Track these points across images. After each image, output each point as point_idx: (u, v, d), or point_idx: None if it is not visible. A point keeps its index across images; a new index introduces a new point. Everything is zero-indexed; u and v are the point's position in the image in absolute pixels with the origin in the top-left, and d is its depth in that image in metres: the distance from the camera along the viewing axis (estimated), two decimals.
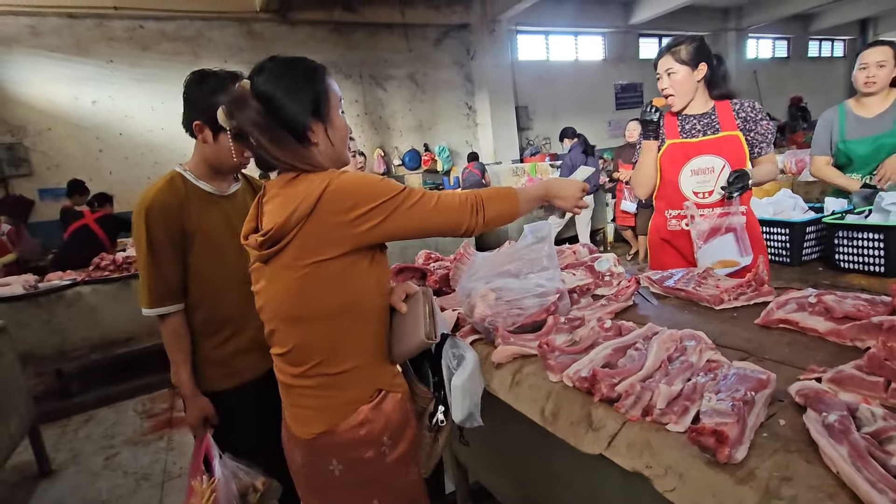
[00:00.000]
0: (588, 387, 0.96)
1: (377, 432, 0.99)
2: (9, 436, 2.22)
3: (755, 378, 0.85)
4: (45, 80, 6.11)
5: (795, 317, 1.13)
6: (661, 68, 1.85)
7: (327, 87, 1.00)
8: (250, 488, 1.30)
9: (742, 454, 0.71)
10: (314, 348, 0.98)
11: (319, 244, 0.93)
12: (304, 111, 0.96)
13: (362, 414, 0.98)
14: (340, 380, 0.99)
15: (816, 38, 13.85)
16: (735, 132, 1.82)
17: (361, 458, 0.99)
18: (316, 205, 0.91)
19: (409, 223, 0.97)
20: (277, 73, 0.97)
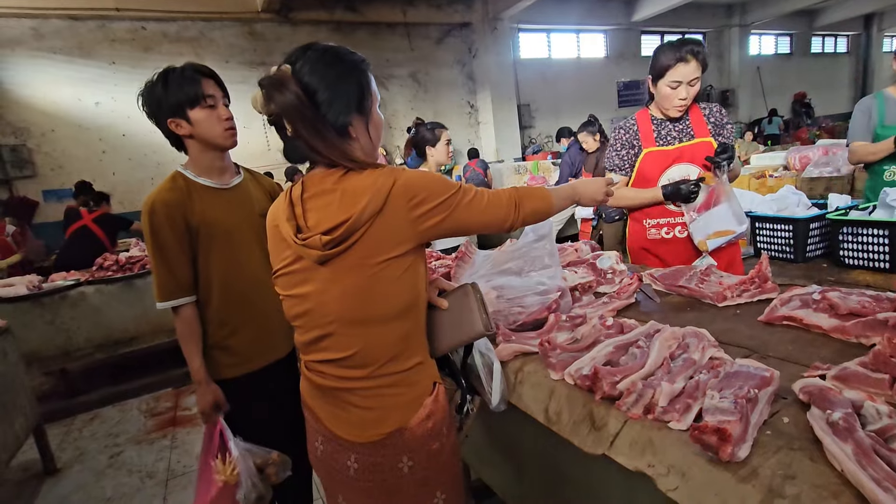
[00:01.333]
0: (589, 385, 0.95)
1: (440, 423, 0.99)
2: (13, 434, 2.23)
3: (758, 375, 0.85)
4: (48, 82, 6.13)
5: (799, 314, 1.12)
6: (684, 76, 1.69)
7: (369, 81, 0.98)
8: (269, 461, 1.34)
9: (745, 452, 0.71)
10: (384, 348, 0.95)
11: (388, 241, 0.91)
12: (348, 106, 0.94)
13: (428, 407, 0.97)
14: (409, 376, 0.97)
15: (820, 34, 13.76)
16: (707, 138, 1.82)
17: (430, 451, 0.98)
18: (387, 200, 0.89)
19: (466, 219, 0.97)
20: (322, 64, 0.93)
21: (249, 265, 1.44)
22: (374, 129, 1.01)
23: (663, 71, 1.72)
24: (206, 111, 1.33)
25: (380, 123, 1.03)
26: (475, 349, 1.12)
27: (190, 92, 1.30)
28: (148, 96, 1.33)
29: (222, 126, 1.36)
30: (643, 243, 1.96)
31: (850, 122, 2.43)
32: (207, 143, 1.37)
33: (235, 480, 1.34)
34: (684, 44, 1.69)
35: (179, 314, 1.37)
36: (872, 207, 2.01)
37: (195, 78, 1.32)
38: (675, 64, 1.69)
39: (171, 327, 3.60)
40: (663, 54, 1.72)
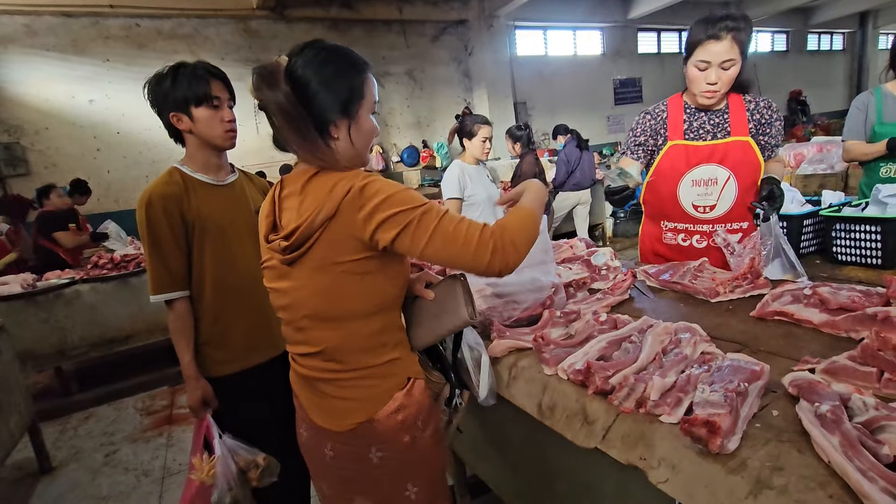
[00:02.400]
0: (582, 380, 0.96)
1: (412, 417, 1.00)
2: (8, 433, 2.22)
3: (748, 369, 0.86)
4: (41, 80, 6.08)
5: (790, 309, 1.13)
6: (714, 57, 1.46)
7: (364, 85, 0.97)
8: (252, 464, 1.33)
9: (734, 444, 0.72)
10: (354, 344, 0.98)
11: (344, 247, 0.91)
12: (333, 105, 0.93)
13: (398, 400, 0.99)
14: (381, 370, 0.99)
15: (816, 32, 13.80)
16: (745, 138, 1.61)
17: (400, 443, 1.00)
18: (339, 206, 0.89)
19: (424, 243, 0.89)
20: (319, 60, 0.93)
21: (243, 261, 1.44)
22: (358, 135, 0.98)
23: (692, 48, 1.50)
24: (209, 111, 1.35)
25: (368, 130, 1.01)
26: (464, 343, 1.13)
27: (198, 90, 1.32)
28: (155, 87, 1.35)
29: (223, 127, 1.38)
30: (656, 247, 1.83)
31: (847, 120, 2.44)
32: (206, 141, 1.38)
33: (211, 481, 1.33)
34: (722, 18, 1.44)
35: (173, 308, 1.38)
36: (865, 204, 2.03)
37: (205, 77, 1.34)
38: (704, 40, 1.45)
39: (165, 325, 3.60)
40: (695, 27, 1.50)
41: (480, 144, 2.65)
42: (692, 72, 1.54)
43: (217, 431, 1.36)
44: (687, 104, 1.69)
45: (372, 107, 1.01)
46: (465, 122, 2.68)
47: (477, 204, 2.70)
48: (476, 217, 2.75)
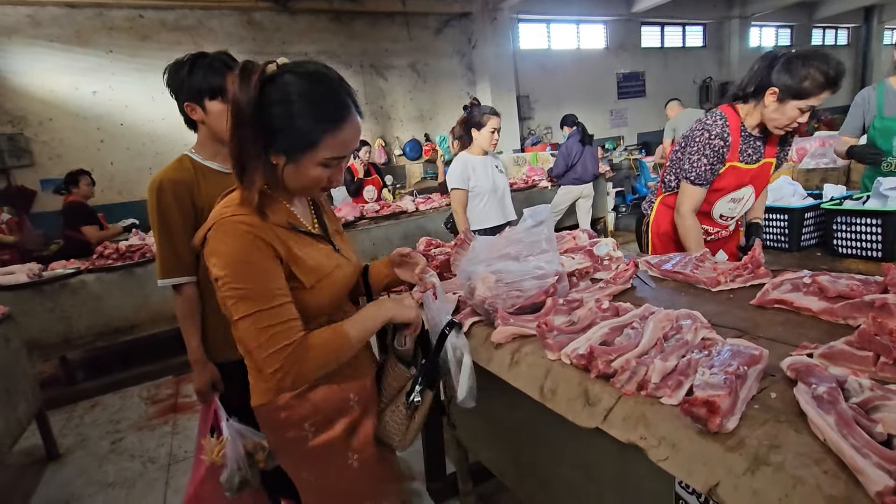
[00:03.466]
0: (585, 364, 0.98)
1: (297, 418, 1.02)
2: (16, 420, 2.26)
3: (748, 353, 0.87)
4: (45, 71, 6.09)
5: (790, 297, 1.14)
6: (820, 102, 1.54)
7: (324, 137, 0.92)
8: (259, 447, 1.35)
9: (733, 424, 0.73)
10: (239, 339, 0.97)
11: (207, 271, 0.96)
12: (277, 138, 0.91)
13: (284, 399, 1.01)
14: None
15: (820, 27, 13.71)
16: (772, 158, 1.72)
17: (284, 437, 1.05)
18: (206, 238, 0.94)
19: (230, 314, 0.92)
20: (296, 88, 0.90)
21: None
22: (293, 179, 0.95)
23: (805, 93, 1.50)
24: (222, 105, 1.36)
25: (307, 179, 0.95)
26: (448, 343, 1.13)
27: (213, 82, 1.34)
28: (174, 74, 1.37)
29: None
30: (669, 229, 1.92)
31: (848, 115, 2.46)
32: (215, 134, 1.40)
33: (221, 462, 1.36)
34: (840, 70, 1.48)
35: (181, 293, 1.40)
36: (867, 198, 2.04)
37: (221, 70, 1.35)
38: (822, 92, 1.49)
39: (170, 315, 3.62)
40: (813, 76, 1.47)
41: (489, 135, 2.65)
42: (791, 111, 1.55)
43: (224, 414, 1.39)
44: (744, 128, 1.70)
45: (324, 160, 0.94)
46: (474, 113, 2.68)
47: (481, 195, 2.72)
48: (480, 207, 2.78)
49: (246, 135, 0.89)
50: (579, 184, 5.00)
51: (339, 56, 7.79)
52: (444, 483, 1.97)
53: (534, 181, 5.66)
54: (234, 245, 0.90)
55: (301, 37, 7.51)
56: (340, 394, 1.06)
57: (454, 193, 2.72)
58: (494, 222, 2.76)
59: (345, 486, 1.09)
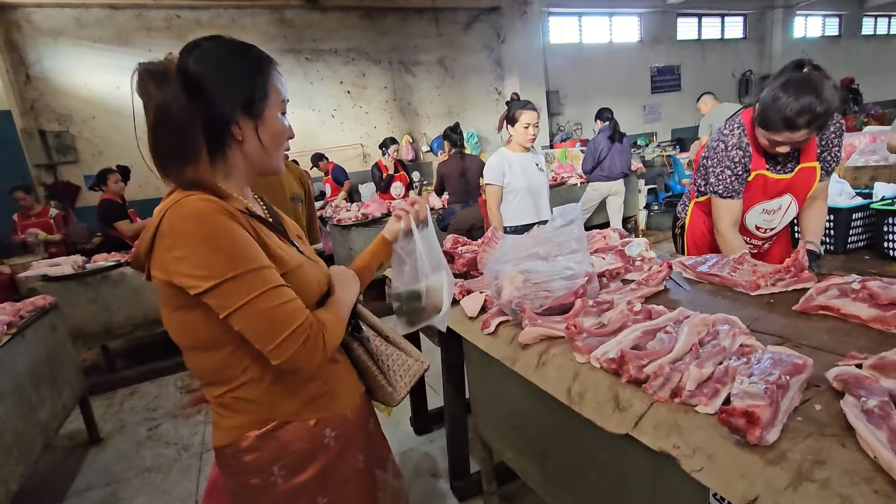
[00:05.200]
0: (616, 368, 0.96)
1: (265, 461, 0.89)
2: (62, 404, 2.37)
3: (790, 362, 0.83)
4: (88, 70, 6.36)
5: (836, 303, 1.08)
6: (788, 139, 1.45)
7: (268, 82, 0.88)
8: None
9: (774, 436, 0.70)
10: (202, 372, 0.90)
11: (161, 284, 0.80)
12: (234, 104, 0.84)
13: (248, 440, 0.89)
14: (226, 403, 0.89)
15: (872, 15, 12.96)
16: (813, 163, 1.60)
17: (247, 483, 0.91)
18: (153, 243, 0.78)
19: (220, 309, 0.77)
20: (216, 54, 0.85)
21: None
22: (266, 135, 0.88)
23: (763, 125, 1.46)
24: None
25: (277, 130, 0.90)
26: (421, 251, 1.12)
27: None
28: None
29: None
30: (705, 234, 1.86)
31: None
32: None
33: None
34: (801, 112, 1.36)
35: None
36: None
37: None
38: (778, 131, 1.43)
39: None
40: (774, 109, 1.40)
41: (523, 130, 2.61)
42: (762, 140, 1.50)
43: None
44: None
45: (280, 106, 0.91)
46: (511, 109, 2.65)
47: (515, 192, 2.69)
48: (514, 204, 2.75)
49: (183, 133, 0.79)
50: (607, 181, 4.89)
51: (369, 52, 7.85)
52: (467, 482, 1.97)
53: (563, 178, 5.57)
54: (204, 226, 0.76)
55: (331, 34, 7.60)
56: (315, 430, 0.93)
57: (488, 189, 2.70)
58: (527, 220, 2.73)
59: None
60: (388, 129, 8.06)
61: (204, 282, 0.75)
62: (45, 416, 2.17)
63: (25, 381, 2.07)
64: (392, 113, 8.17)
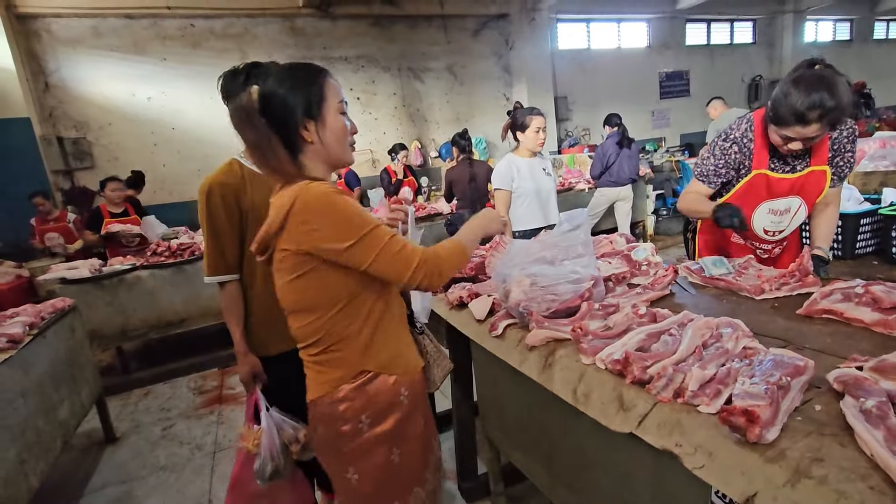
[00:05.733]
0: (620, 369, 0.98)
1: (355, 410, 1.08)
2: (80, 404, 2.43)
3: (791, 364, 0.85)
4: (105, 78, 6.50)
5: (840, 307, 1.10)
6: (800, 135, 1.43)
7: (324, 89, 1.06)
8: (293, 439, 1.42)
9: (773, 435, 0.72)
10: (308, 333, 1.08)
11: (291, 256, 1.01)
12: (297, 109, 1.03)
13: (343, 392, 1.07)
14: (328, 360, 1.08)
15: (884, 19, 12.85)
16: (823, 167, 1.59)
17: (338, 430, 1.09)
18: (284, 223, 0.99)
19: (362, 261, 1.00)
20: (280, 77, 1.05)
21: None
22: (326, 133, 1.06)
23: (775, 121, 1.45)
24: None
25: (337, 129, 1.08)
26: None
27: None
28: (228, 82, 1.44)
29: None
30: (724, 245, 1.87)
31: None
32: None
33: (256, 451, 1.43)
34: (814, 107, 1.35)
35: (225, 289, 1.49)
36: None
37: None
38: (790, 126, 1.42)
39: (217, 310, 3.79)
40: (783, 107, 1.40)
41: (534, 135, 2.65)
42: (774, 137, 1.51)
43: (265, 404, 1.46)
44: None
45: (338, 106, 1.08)
46: (517, 116, 2.68)
47: (524, 196, 2.72)
48: (522, 209, 2.79)
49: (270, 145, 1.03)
50: (615, 186, 4.90)
51: (378, 60, 7.94)
52: (475, 483, 1.99)
53: (570, 183, 5.59)
54: (330, 203, 0.98)
55: (341, 41, 7.70)
56: (393, 388, 1.11)
57: (497, 194, 2.74)
58: (535, 224, 2.75)
59: (388, 481, 1.13)
60: (397, 135, 8.13)
61: (343, 244, 0.97)
62: (65, 414, 2.23)
63: (46, 380, 2.13)
64: (401, 119, 8.25)
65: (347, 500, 1.15)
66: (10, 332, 1.97)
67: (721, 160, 1.67)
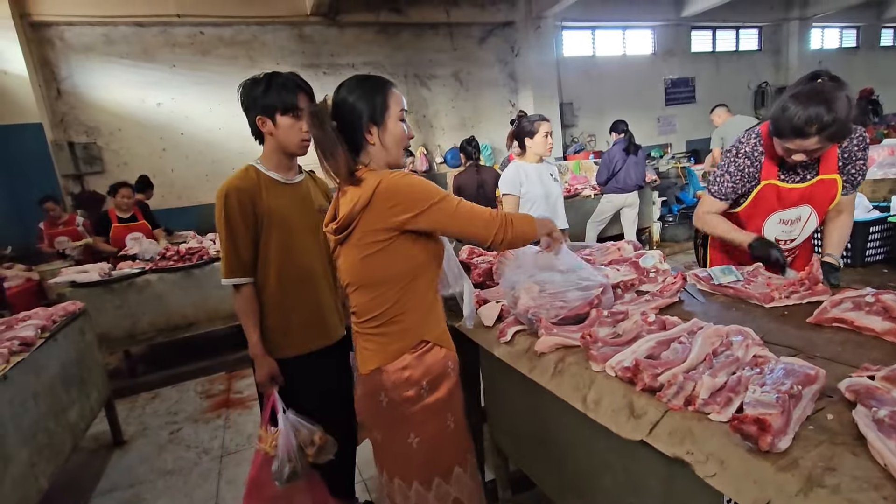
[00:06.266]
0: (630, 376, 0.98)
1: (417, 376, 1.21)
2: (90, 407, 2.45)
3: (803, 373, 0.86)
4: (115, 85, 6.58)
5: (850, 315, 1.10)
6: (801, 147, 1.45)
7: (387, 99, 1.20)
8: (309, 441, 1.43)
9: (785, 444, 0.72)
10: (374, 306, 1.22)
11: (374, 230, 1.16)
12: (364, 115, 1.19)
13: (405, 360, 1.21)
14: (393, 331, 1.22)
15: (891, 26, 12.81)
16: (833, 175, 1.60)
17: (402, 396, 1.21)
18: (370, 200, 1.13)
19: (443, 222, 1.17)
20: (351, 87, 1.21)
21: (304, 255, 1.55)
22: (387, 137, 1.21)
23: (778, 133, 1.47)
24: (291, 120, 1.47)
25: (396, 134, 1.23)
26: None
27: (286, 100, 1.45)
28: (248, 90, 1.48)
29: (300, 136, 1.50)
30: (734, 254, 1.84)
31: None
32: (283, 146, 1.50)
33: (273, 452, 1.44)
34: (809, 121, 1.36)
35: (240, 291, 1.51)
36: None
37: (294, 90, 1.46)
38: (790, 138, 1.44)
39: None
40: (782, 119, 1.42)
41: (543, 140, 2.69)
42: (778, 149, 1.52)
43: (282, 406, 1.47)
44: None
45: (399, 114, 1.23)
46: (524, 124, 2.72)
47: (532, 201, 2.73)
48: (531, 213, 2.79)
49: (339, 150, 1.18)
50: (621, 193, 4.90)
51: (384, 66, 8.00)
52: (483, 491, 1.98)
53: (576, 189, 5.59)
54: (408, 182, 1.15)
55: (348, 49, 7.76)
56: (444, 360, 1.26)
57: (506, 199, 2.75)
58: None
59: (444, 446, 1.26)
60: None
61: (419, 208, 1.13)
62: (74, 417, 2.25)
63: (57, 383, 2.15)
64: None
65: (408, 465, 1.25)
66: (23, 335, 1.99)
67: (737, 176, 1.67)
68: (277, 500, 1.48)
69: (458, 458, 1.29)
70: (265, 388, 1.52)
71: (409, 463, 1.25)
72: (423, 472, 1.25)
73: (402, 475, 1.26)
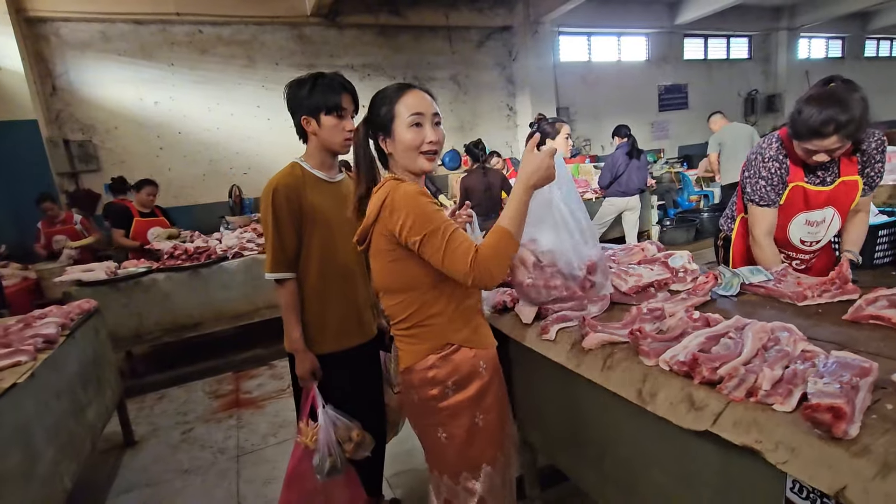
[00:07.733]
0: (687, 370, 1.02)
1: (442, 376, 1.25)
2: (104, 406, 2.43)
3: (857, 365, 0.90)
4: (112, 82, 6.50)
5: (888, 313, 1.15)
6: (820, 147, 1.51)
7: (393, 108, 1.22)
8: (347, 437, 1.44)
9: (855, 431, 0.76)
10: (400, 310, 1.27)
11: (385, 241, 1.20)
12: (377, 128, 1.26)
13: (431, 360, 1.26)
14: (420, 333, 1.26)
15: (874, 38, 13.21)
16: (854, 177, 1.66)
17: (428, 394, 1.27)
18: (379, 213, 1.19)
19: (430, 256, 1.14)
20: (372, 103, 1.28)
21: (343, 253, 1.57)
22: (395, 146, 1.24)
23: (796, 135, 1.54)
24: (335, 119, 1.50)
25: (403, 141, 1.22)
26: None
27: (330, 100, 1.47)
28: (294, 91, 1.50)
29: (343, 136, 1.53)
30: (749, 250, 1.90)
31: None
32: (327, 145, 1.53)
33: (314, 446, 1.46)
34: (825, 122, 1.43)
35: (284, 286, 1.53)
36: None
37: (338, 90, 1.49)
38: (807, 139, 1.50)
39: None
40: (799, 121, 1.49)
41: (564, 141, 2.78)
42: (799, 151, 1.59)
43: (321, 401, 1.49)
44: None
45: (409, 121, 1.21)
46: (544, 127, 2.80)
47: None
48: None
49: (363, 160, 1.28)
50: (624, 196, 4.98)
51: (383, 68, 8.01)
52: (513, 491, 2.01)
53: None
54: (412, 200, 1.15)
55: (347, 50, 7.77)
56: (473, 360, 1.27)
57: None
58: None
59: (472, 443, 1.28)
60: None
61: (417, 236, 1.13)
62: (92, 416, 2.22)
63: (76, 381, 2.13)
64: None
65: (440, 458, 1.31)
66: (45, 333, 1.97)
67: (774, 178, 1.70)
68: (316, 494, 1.49)
69: (488, 456, 1.30)
70: (306, 384, 1.53)
71: (440, 456, 1.31)
72: (451, 467, 1.30)
73: (438, 468, 1.33)
